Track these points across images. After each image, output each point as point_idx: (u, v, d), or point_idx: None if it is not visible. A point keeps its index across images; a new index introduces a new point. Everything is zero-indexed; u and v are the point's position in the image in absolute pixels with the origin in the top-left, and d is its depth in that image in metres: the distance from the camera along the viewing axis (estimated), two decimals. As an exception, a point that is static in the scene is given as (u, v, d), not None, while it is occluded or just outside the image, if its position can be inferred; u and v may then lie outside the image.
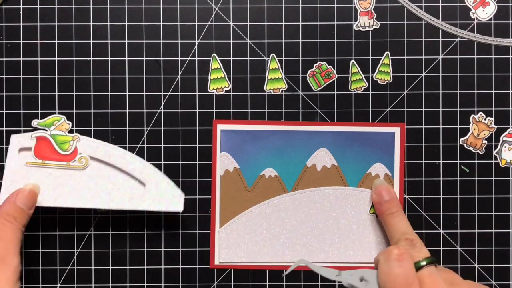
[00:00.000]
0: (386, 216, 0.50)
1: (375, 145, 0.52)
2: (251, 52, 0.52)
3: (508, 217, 0.53)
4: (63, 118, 0.52)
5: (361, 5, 0.52)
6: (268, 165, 0.52)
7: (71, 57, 0.52)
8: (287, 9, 0.53)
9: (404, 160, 0.52)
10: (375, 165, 0.52)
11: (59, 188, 0.51)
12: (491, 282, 0.53)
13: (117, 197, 0.51)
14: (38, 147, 0.51)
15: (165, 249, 0.53)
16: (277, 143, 0.52)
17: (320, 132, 0.52)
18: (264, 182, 0.52)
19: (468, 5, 0.53)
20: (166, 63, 0.52)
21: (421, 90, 0.53)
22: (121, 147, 0.52)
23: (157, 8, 0.52)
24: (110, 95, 0.52)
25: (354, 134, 0.52)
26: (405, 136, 0.52)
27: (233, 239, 0.52)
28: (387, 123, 0.52)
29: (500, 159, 0.53)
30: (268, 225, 0.52)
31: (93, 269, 0.53)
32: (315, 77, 0.53)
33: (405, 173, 0.52)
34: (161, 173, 0.52)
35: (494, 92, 0.53)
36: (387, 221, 0.50)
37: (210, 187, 0.52)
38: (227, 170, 0.52)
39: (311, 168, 0.52)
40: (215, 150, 0.52)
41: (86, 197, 0.51)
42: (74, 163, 0.51)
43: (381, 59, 0.53)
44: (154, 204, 0.51)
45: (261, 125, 0.52)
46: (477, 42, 0.53)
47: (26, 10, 0.52)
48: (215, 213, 0.52)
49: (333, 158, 0.52)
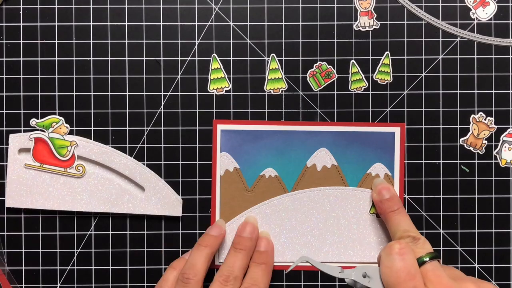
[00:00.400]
0: (388, 214, 0.50)
1: (375, 145, 0.52)
2: (251, 52, 0.52)
3: (508, 217, 0.53)
4: (62, 120, 0.52)
5: (361, 5, 0.52)
6: (268, 165, 0.52)
7: (71, 57, 0.52)
8: (287, 9, 0.53)
9: (404, 160, 0.52)
10: (375, 165, 0.52)
11: (59, 192, 0.52)
12: (491, 282, 0.53)
13: (116, 202, 0.52)
14: (37, 149, 0.51)
15: (165, 249, 0.53)
16: (277, 143, 0.52)
17: (320, 132, 0.52)
18: (264, 182, 0.52)
19: (468, 5, 0.53)
20: (166, 63, 0.52)
21: (421, 90, 0.53)
22: (121, 148, 0.52)
23: (157, 8, 0.52)
24: (110, 95, 0.52)
25: (354, 134, 0.52)
26: (405, 136, 0.52)
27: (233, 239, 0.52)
28: (387, 123, 0.52)
29: (500, 159, 0.53)
30: (268, 225, 0.52)
31: (93, 269, 0.53)
32: (315, 77, 0.53)
33: (405, 173, 0.52)
34: (160, 178, 0.52)
35: (494, 92, 0.53)
36: (389, 219, 0.50)
37: (210, 187, 0.52)
38: (227, 170, 0.52)
39: (311, 168, 0.52)
40: (215, 150, 0.52)
41: (85, 201, 0.52)
42: (72, 170, 0.51)
43: (381, 59, 0.53)
44: (153, 209, 0.52)
45: (261, 125, 0.52)
46: (477, 42, 0.53)
47: (26, 10, 0.52)
48: (215, 213, 0.52)
49: (333, 158, 0.52)
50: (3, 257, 0.52)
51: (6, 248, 0.52)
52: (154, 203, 0.52)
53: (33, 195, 0.52)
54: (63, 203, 0.52)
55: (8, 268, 0.52)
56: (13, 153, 0.52)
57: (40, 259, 0.52)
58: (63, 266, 0.53)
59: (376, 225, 0.52)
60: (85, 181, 0.52)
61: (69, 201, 0.52)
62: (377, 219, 0.52)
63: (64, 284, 0.53)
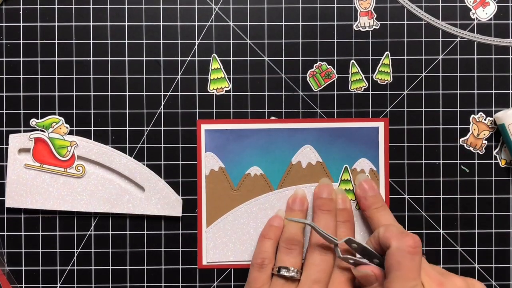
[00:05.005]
0: (371, 210, 0.50)
1: (359, 141, 0.52)
2: (251, 52, 0.52)
3: (508, 217, 0.53)
4: (62, 120, 0.52)
5: (361, 5, 0.52)
6: (253, 163, 0.52)
7: (71, 57, 0.52)
8: (287, 9, 0.53)
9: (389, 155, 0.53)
10: (360, 160, 0.52)
11: (59, 192, 0.52)
12: (491, 282, 0.53)
13: (116, 202, 0.52)
14: (37, 149, 0.51)
15: (165, 249, 0.53)
16: (261, 142, 0.52)
17: (304, 129, 0.52)
18: (250, 181, 0.52)
19: (468, 5, 0.53)
20: (166, 63, 0.52)
21: (421, 90, 0.53)
22: (121, 148, 0.52)
23: (157, 8, 0.52)
24: (110, 95, 0.52)
25: (338, 130, 0.52)
26: (388, 131, 0.52)
27: (220, 238, 0.52)
28: (370, 118, 0.52)
29: (500, 159, 0.53)
30: (255, 224, 0.52)
31: (93, 269, 0.53)
32: (315, 77, 0.53)
33: (390, 167, 0.52)
34: (160, 178, 0.52)
35: (494, 92, 0.53)
36: (372, 215, 0.50)
37: (196, 187, 0.52)
38: (212, 169, 0.52)
39: (296, 165, 0.52)
40: (200, 150, 0.52)
41: (85, 201, 0.52)
42: (71, 170, 0.51)
43: (381, 59, 0.53)
44: (153, 209, 0.52)
45: (245, 124, 0.52)
46: (477, 42, 0.53)
47: (26, 10, 0.52)
48: (201, 213, 0.52)
49: (317, 154, 0.52)
50: (3, 257, 0.52)
51: (6, 248, 0.52)
52: (154, 203, 0.52)
53: (33, 195, 0.52)
54: (63, 203, 0.52)
55: (8, 268, 0.52)
56: (13, 153, 0.52)
57: (40, 259, 0.52)
58: (63, 266, 0.53)
59: (362, 221, 0.52)
60: (85, 181, 0.52)
61: (69, 201, 0.52)
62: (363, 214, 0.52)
63: (64, 284, 0.53)
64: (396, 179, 0.53)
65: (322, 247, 0.48)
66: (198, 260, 0.52)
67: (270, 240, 0.49)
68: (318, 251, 0.47)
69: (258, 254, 0.49)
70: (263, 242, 0.50)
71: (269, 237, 0.50)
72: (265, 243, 0.49)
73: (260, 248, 0.49)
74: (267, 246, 0.49)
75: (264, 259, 0.48)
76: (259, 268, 0.48)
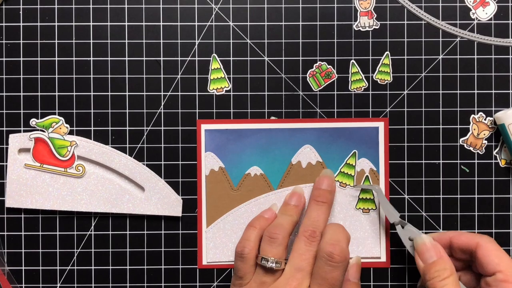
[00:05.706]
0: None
1: (360, 141, 0.52)
2: (251, 52, 0.52)
3: (508, 217, 0.53)
4: (62, 120, 0.52)
5: (361, 5, 0.52)
6: (253, 163, 0.52)
7: (71, 57, 0.52)
8: (287, 9, 0.53)
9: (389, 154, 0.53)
10: (360, 160, 0.52)
11: (59, 192, 0.52)
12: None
13: (116, 202, 0.52)
14: (37, 149, 0.51)
15: (165, 249, 0.53)
16: (262, 142, 0.52)
17: (304, 129, 0.52)
18: (250, 181, 0.52)
19: (468, 5, 0.53)
20: (166, 63, 0.52)
21: (421, 90, 0.53)
22: (121, 148, 0.52)
23: (157, 8, 0.52)
24: (110, 95, 0.52)
25: (338, 130, 0.52)
26: (388, 131, 0.52)
27: (220, 238, 0.52)
28: (370, 118, 0.52)
29: (500, 159, 0.53)
30: None
31: (93, 269, 0.53)
32: (315, 77, 0.53)
33: (390, 167, 0.53)
34: (160, 178, 0.52)
35: (494, 92, 0.53)
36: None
37: (196, 187, 0.52)
38: (212, 169, 0.52)
39: (296, 165, 0.53)
40: (200, 150, 0.52)
41: (85, 201, 0.52)
42: (71, 170, 0.51)
43: (381, 59, 0.53)
44: (153, 209, 0.52)
45: (245, 124, 0.52)
46: (477, 42, 0.53)
47: (26, 10, 0.52)
48: (201, 213, 0.52)
49: (317, 154, 0.52)
50: (3, 257, 0.52)
51: (6, 248, 0.52)
52: (154, 203, 0.52)
53: (33, 195, 0.52)
54: (63, 203, 0.52)
55: (8, 268, 0.52)
56: (13, 153, 0.52)
57: (40, 259, 0.52)
58: (63, 266, 0.53)
59: (362, 221, 0.52)
60: (85, 181, 0.52)
61: (69, 201, 0.52)
62: (363, 214, 0.52)
63: (64, 284, 0.53)
64: (396, 179, 0.53)
65: (308, 237, 0.47)
66: (198, 260, 0.52)
67: (254, 229, 0.49)
68: (304, 240, 0.47)
69: (239, 242, 0.49)
70: (247, 230, 0.49)
71: (254, 226, 0.49)
72: (248, 231, 0.49)
73: (242, 236, 0.49)
74: (249, 234, 0.49)
75: (244, 248, 0.48)
76: (240, 257, 0.48)
